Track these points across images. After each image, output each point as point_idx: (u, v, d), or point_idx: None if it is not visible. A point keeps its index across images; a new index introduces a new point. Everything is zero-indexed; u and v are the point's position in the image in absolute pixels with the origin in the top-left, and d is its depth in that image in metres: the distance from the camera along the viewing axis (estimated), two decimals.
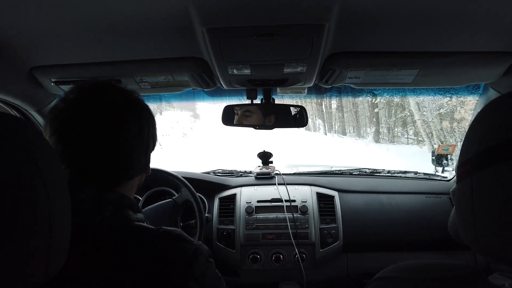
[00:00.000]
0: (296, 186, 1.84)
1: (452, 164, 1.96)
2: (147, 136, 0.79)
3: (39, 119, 1.43)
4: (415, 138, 13.51)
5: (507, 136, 0.44)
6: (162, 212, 1.53)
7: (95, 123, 0.71)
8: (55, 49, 1.06)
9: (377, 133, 15.97)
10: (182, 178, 1.58)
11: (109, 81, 0.82)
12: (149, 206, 1.57)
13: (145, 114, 0.80)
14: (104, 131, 0.72)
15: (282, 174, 1.95)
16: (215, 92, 1.59)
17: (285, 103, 1.56)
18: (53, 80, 1.22)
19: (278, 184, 1.84)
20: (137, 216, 0.76)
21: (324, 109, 20.70)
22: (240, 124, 1.53)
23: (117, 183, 0.76)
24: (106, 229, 0.68)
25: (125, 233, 0.70)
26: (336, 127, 20.24)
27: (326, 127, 20.60)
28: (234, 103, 1.53)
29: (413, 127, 13.16)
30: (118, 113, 0.74)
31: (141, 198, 1.72)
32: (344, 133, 19.15)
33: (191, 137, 16.78)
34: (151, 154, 0.86)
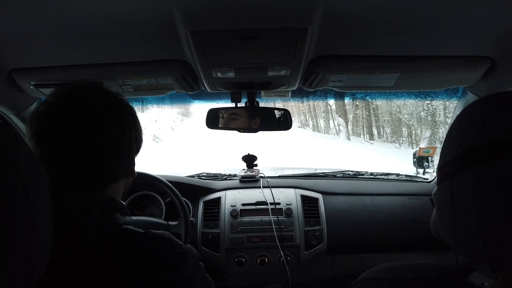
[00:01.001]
0: (280, 189, 1.84)
1: (433, 165, 2.00)
2: (129, 139, 0.78)
3: (19, 123, 1.40)
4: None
5: (485, 138, 0.46)
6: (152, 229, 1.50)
7: (72, 126, 0.70)
8: (35, 51, 1.04)
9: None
10: (167, 182, 1.57)
11: (91, 84, 0.81)
12: (141, 218, 1.54)
13: (128, 117, 0.79)
14: (82, 135, 0.71)
15: (267, 177, 1.95)
16: (199, 95, 1.59)
17: (270, 106, 1.57)
18: (32, 83, 1.19)
19: (263, 187, 1.84)
20: (125, 219, 0.74)
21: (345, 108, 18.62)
22: (224, 127, 1.53)
23: (102, 186, 0.75)
24: (94, 233, 0.66)
25: (113, 236, 0.69)
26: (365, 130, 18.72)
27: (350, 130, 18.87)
28: (218, 106, 1.53)
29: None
30: (97, 116, 0.73)
31: (124, 202, 1.69)
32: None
33: (170, 139, 16.59)
34: (135, 157, 0.85)
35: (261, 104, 1.51)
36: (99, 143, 0.72)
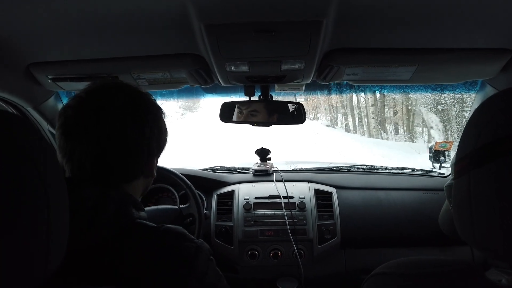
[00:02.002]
0: (294, 183, 1.84)
1: (450, 160, 1.96)
2: (149, 139, 0.79)
3: (36, 116, 1.43)
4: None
5: (504, 132, 0.45)
6: (165, 217, 1.53)
7: (94, 121, 0.73)
8: (52, 46, 1.06)
9: None
10: (181, 175, 1.58)
11: (120, 82, 0.83)
12: (153, 207, 1.57)
13: (150, 117, 0.80)
14: (102, 131, 0.73)
15: (280, 170, 1.95)
16: (213, 89, 1.59)
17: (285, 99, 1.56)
18: (50, 77, 1.22)
19: (276, 180, 1.85)
20: (139, 214, 0.76)
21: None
22: (238, 121, 1.53)
23: (119, 182, 0.77)
24: (108, 226, 0.68)
25: (127, 230, 0.70)
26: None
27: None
28: (232, 100, 1.53)
29: None
30: (118, 114, 0.74)
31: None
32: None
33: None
34: (156, 158, 0.86)
35: (275, 98, 1.51)
36: (118, 140, 0.74)
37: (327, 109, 24.75)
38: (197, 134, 15.40)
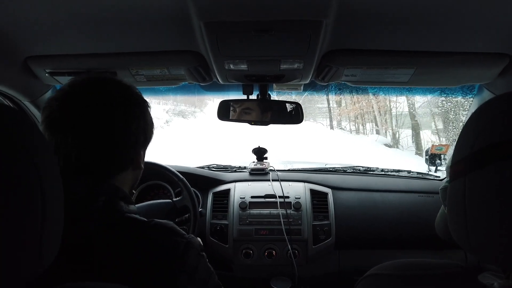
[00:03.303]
0: (290, 183, 1.84)
1: (445, 163, 1.97)
2: (135, 131, 0.78)
3: (34, 110, 1.42)
4: None
5: (501, 136, 0.45)
6: (158, 210, 1.53)
7: (80, 114, 0.73)
8: (50, 39, 1.05)
9: None
10: (177, 172, 1.58)
11: (105, 75, 0.84)
12: (146, 202, 1.57)
13: (136, 109, 0.80)
14: (88, 123, 0.72)
15: (277, 170, 1.95)
16: (211, 86, 1.59)
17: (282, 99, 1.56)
18: (48, 70, 1.21)
19: (272, 180, 1.85)
20: (129, 208, 0.76)
21: None
22: (235, 119, 1.53)
23: (107, 175, 0.76)
24: (97, 220, 0.68)
25: (116, 224, 0.70)
26: None
27: None
28: (230, 98, 1.53)
29: None
30: (105, 106, 0.74)
31: (134, 192, 1.71)
32: None
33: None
34: (143, 150, 0.86)
35: (273, 97, 1.51)
36: (104, 132, 0.74)
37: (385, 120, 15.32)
38: (194, 132, 15.36)
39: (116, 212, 0.72)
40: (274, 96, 1.53)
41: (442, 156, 1.98)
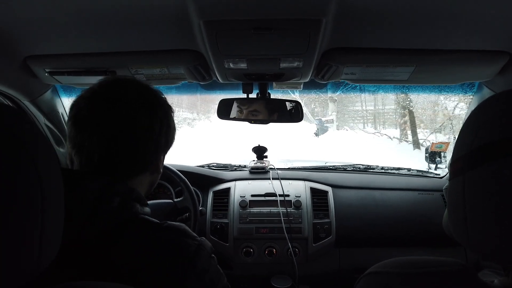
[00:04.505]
0: (290, 181, 1.84)
1: (445, 161, 1.97)
2: (157, 135, 0.79)
3: (33, 109, 1.42)
4: None
5: (500, 134, 0.45)
6: (160, 210, 1.53)
7: (104, 114, 0.74)
8: (50, 39, 1.05)
9: None
10: (176, 171, 1.58)
11: (132, 78, 0.85)
12: (148, 201, 1.57)
13: (160, 113, 0.80)
14: (114, 124, 0.73)
15: (277, 168, 1.95)
16: (211, 85, 1.59)
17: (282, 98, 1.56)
18: (47, 70, 1.21)
19: (273, 178, 1.85)
20: (143, 209, 0.76)
21: None
22: (235, 118, 1.53)
23: (125, 176, 0.77)
24: (111, 220, 0.68)
25: (130, 225, 0.71)
26: None
27: None
28: (229, 97, 1.53)
29: None
30: (129, 108, 0.75)
31: None
32: None
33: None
34: (163, 154, 0.87)
35: (273, 96, 1.51)
36: (129, 134, 0.74)
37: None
38: (195, 131, 15.33)
39: (130, 213, 0.72)
40: (278, 95, 1.53)
41: (442, 154, 1.98)
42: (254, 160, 2.03)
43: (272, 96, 1.51)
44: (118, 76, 0.82)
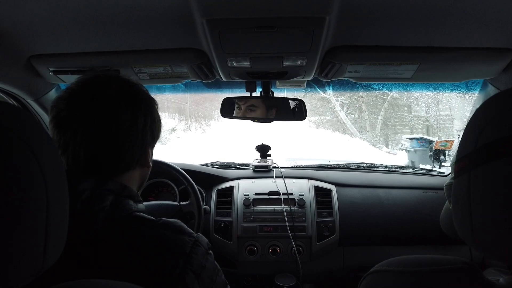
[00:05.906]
0: (293, 180, 1.84)
1: (450, 159, 1.97)
2: (142, 129, 0.79)
3: (37, 108, 1.43)
4: None
5: (505, 132, 0.44)
6: (165, 212, 1.53)
7: (86, 113, 0.73)
8: (54, 38, 1.05)
9: None
10: (183, 172, 1.59)
11: (112, 74, 0.83)
12: (154, 202, 1.57)
13: (143, 107, 0.80)
14: (95, 122, 0.73)
15: (280, 167, 1.95)
16: (214, 84, 1.59)
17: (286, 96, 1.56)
18: (51, 69, 1.21)
19: (276, 177, 1.85)
20: (137, 206, 0.76)
21: None
22: (239, 116, 1.53)
23: (114, 174, 0.77)
24: (105, 218, 0.68)
25: (124, 222, 0.70)
26: None
27: None
28: (233, 96, 1.53)
29: None
30: (110, 105, 0.74)
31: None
32: None
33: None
34: (151, 148, 0.86)
35: (276, 94, 1.51)
36: (111, 131, 0.74)
37: None
38: (199, 130, 15.36)
39: (124, 210, 0.72)
40: (284, 94, 1.53)
41: (447, 152, 1.97)
42: (257, 159, 2.04)
43: (276, 95, 1.51)
44: (97, 73, 0.81)
